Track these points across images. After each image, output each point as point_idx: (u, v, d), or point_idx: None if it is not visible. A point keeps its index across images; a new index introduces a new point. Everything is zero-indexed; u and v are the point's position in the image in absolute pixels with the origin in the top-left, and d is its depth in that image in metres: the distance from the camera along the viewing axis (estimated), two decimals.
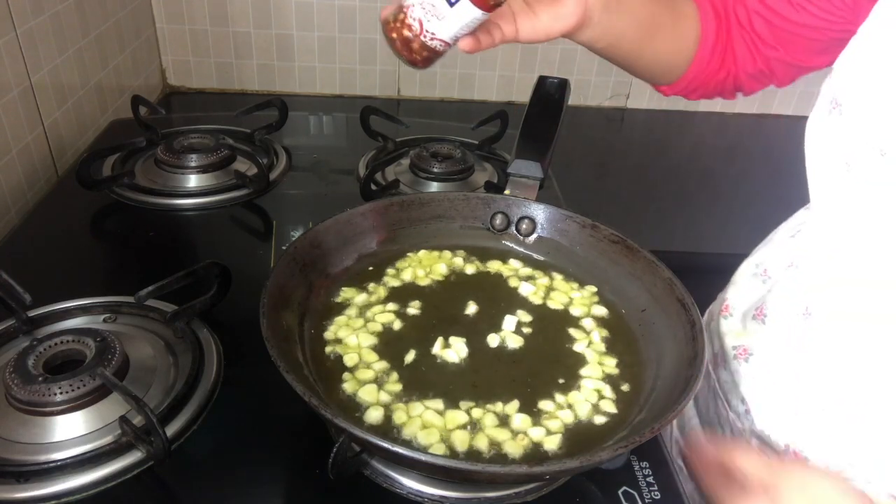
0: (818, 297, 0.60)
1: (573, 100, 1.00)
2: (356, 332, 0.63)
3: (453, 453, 0.52)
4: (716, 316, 0.75)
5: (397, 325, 0.64)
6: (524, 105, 0.84)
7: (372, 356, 0.60)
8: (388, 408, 0.55)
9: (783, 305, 0.65)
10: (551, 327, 0.65)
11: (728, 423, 0.70)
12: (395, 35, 0.57)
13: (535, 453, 0.53)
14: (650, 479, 0.58)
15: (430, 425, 0.54)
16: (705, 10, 0.68)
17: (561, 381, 0.59)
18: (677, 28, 0.68)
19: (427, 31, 0.55)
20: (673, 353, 0.59)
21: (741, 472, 0.50)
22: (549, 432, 0.54)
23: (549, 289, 0.70)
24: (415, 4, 0.55)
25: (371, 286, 0.69)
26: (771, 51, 0.67)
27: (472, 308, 0.66)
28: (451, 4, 0.53)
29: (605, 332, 0.65)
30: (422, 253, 0.74)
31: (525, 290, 0.70)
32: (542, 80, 0.84)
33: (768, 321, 0.66)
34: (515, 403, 0.56)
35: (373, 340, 0.62)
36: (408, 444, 0.52)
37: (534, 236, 0.76)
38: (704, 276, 0.76)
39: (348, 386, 0.57)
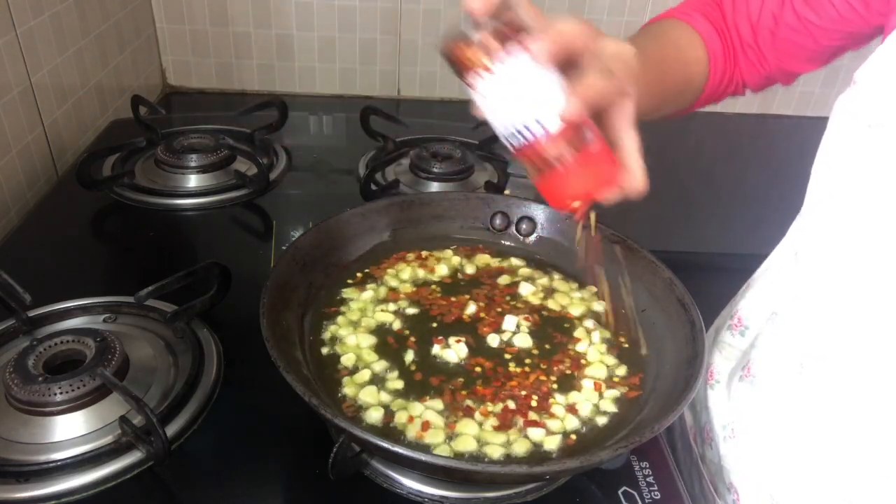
0: (812, 349, 0.56)
1: None
2: (356, 331, 0.63)
3: (453, 453, 0.52)
4: (719, 330, 0.73)
5: (397, 324, 0.64)
6: None
7: (371, 356, 0.60)
8: (387, 408, 0.55)
9: (772, 362, 0.61)
10: (551, 327, 0.65)
11: None
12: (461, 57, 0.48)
13: (536, 453, 0.53)
14: (650, 479, 0.58)
15: (430, 425, 0.54)
16: (713, 45, 0.67)
17: (561, 381, 0.59)
18: (685, 92, 0.69)
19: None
20: (673, 353, 0.59)
21: None
22: (549, 432, 0.54)
23: (549, 289, 0.70)
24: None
25: (371, 286, 0.69)
26: (773, 65, 0.68)
27: (471, 308, 0.66)
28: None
29: (605, 333, 0.65)
30: (422, 253, 0.74)
31: (525, 289, 0.70)
32: None
33: (757, 382, 0.63)
34: (515, 404, 0.56)
35: (372, 340, 0.62)
36: (407, 444, 0.52)
37: (534, 236, 0.76)
38: (704, 276, 0.76)
39: (348, 386, 0.57)
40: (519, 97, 0.47)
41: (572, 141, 0.48)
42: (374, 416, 0.54)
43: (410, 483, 0.56)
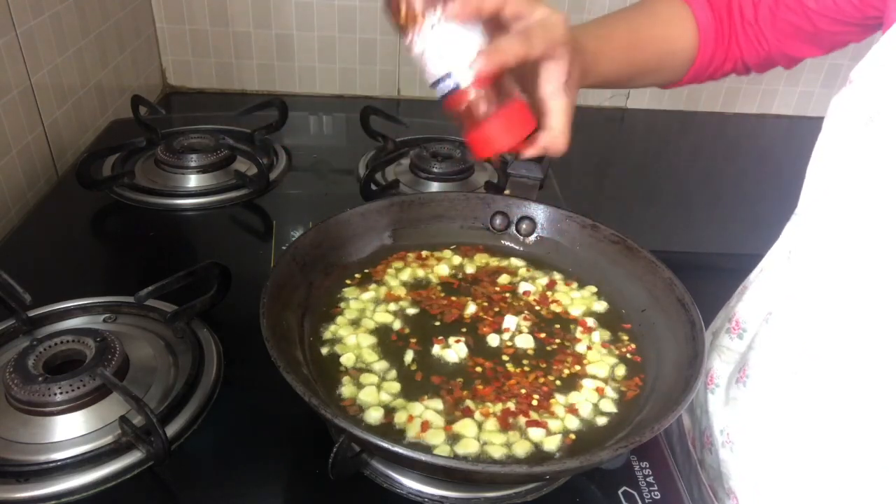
0: (807, 348, 0.56)
1: None
2: (356, 332, 0.63)
3: (453, 453, 0.52)
4: (717, 333, 0.73)
5: (397, 324, 0.64)
6: None
7: (371, 356, 0.60)
8: (387, 408, 0.55)
9: (768, 363, 0.61)
10: (551, 327, 0.65)
11: None
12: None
13: (536, 453, 0.53)
14: (650, 479, 0.58)
15: (430, 425, 0.54)
16: (704, 20, 0.68)
17: (561, 381, 0.59)
18: (666, 65, 0.70)
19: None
20: (673, 353, 0.59)
21: None
22: (549, 432, 0.54)
23: (549, 289, 0.70)
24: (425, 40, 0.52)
25: (371, 286, 0.69)
26: (774, 46, 0.69)
27: (471, 308, 0.66)
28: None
29: (605, 332, 0.65)
30: (422, 253, 0.74)
31: (525, 289, 0.70)
32: None
33: (752, 383, 0.63)
34: (515, 404, 0.56)
35: (372, 340, 0.62)
36: (407, 444, 0.52)
37: (534, 236, 0.76)
38: (704, 275, 0.76)
39: (348, 386, 0.57)
40: (439, 53, 0.51)
41: (489, 98, 0.52)
42: (374, 416, 0.54)
43: (410, 483, 0.56)
